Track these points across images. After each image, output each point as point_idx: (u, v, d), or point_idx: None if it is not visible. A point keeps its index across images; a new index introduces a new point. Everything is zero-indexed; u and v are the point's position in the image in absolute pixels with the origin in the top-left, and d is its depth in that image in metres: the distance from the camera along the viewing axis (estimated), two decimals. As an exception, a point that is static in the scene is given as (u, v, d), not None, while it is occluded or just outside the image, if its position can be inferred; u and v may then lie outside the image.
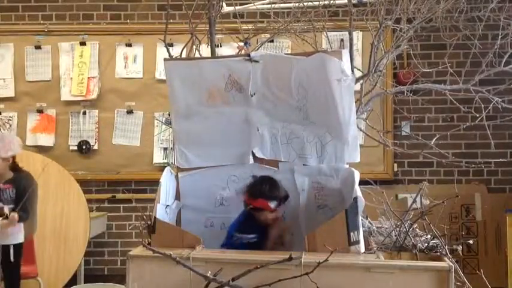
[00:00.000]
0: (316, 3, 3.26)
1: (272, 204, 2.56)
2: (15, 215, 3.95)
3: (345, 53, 2.58)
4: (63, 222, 4.85)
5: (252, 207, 2.57)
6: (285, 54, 3.48)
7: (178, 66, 2.70)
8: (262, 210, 2.56)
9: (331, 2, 3.33)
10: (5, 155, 4.05)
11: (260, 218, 2.58)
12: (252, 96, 2.65)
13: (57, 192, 4.92)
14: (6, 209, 4.00)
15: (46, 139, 5.49)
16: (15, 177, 4.12)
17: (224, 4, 3.74)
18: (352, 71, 2.64)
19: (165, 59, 2.73)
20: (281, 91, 2.64)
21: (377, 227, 2.69)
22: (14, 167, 4.15)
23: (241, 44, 3.53)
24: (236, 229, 2.61)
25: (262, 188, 2.58)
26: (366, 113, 3.13)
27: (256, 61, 2.61)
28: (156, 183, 2.60)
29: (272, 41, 5.10)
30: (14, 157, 4.14)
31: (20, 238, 4.11)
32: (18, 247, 4.11)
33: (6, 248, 4.04)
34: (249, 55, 2.64)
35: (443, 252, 2.37)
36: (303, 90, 2.60)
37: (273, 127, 2.71)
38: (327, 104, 2.56)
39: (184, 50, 3.17)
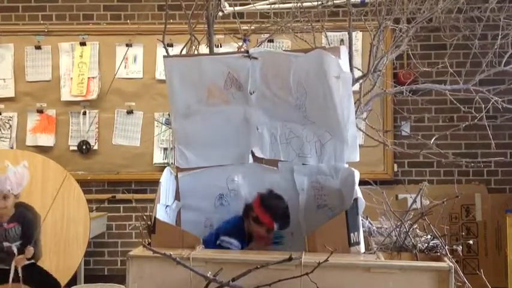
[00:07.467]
0: (316, 3, 3.26)
1: (275, 226, 2.56)
2: (31, 249, 3.92)
3: (343, 50, 2.56)
4: (63, 223, 4.83)
5: (255, 216, 2.57)
6: (283, 50, 3.47)
7: (178, 63, 2.69)
8: (263, 225, 2.56)
9: (331, 2, 3.33)
10: (17, 191, 3.96)
11: (253, 229, 2.57)
12: (251, 94, 2.65)
13: (57, 193, 4.91)
14: (14, 248, 3.95)
15: (46, 139, 5.49)
16: (18, 214, 4.03)
17: (226, 4, 3.75)
18: (352, 70, 2.64)
19: (164, 56, 2.72)
20: (280, 89, 2.63)
21: (377, 227, 2.69)
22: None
23: (241, 44, 3.51)
24: (225, 231, 2.59)
25: (275, 206, 2.58)
26: (365, 113, 3.13)
27: (255, 58, 2.60)
28: (156, 183, 2.59)
29: (272, 41, 5.11)
30: None
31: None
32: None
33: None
34: (247, 51, 2.62)
35: (444, 253, 2.36)
36: (301, 88, 2.59)
37: (272, 126, 2.70)
38: (325, 103, 2.55)
39: (184, 50, 3.17)
